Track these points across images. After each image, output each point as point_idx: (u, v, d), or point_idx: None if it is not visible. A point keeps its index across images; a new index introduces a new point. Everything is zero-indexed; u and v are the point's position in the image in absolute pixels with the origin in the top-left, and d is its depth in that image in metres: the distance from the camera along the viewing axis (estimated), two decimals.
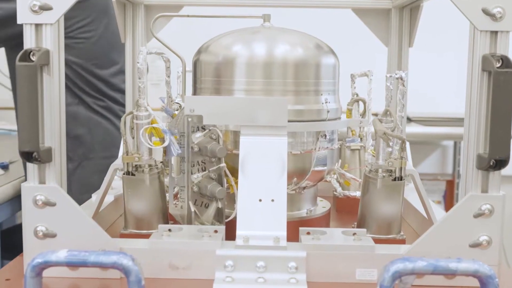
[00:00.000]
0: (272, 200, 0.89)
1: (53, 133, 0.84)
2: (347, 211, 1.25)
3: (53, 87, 0.83)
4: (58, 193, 0.84)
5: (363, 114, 1.29)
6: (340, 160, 1.22)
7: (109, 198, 1.13)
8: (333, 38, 1.39)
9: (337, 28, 2.61)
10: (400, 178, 0.96)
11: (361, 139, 1.29)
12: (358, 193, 1.19)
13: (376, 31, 1.37)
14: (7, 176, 1.89)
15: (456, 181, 3.30)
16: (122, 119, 0.96)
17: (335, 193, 1.28)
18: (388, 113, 0.95)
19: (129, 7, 1.30)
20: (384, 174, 0.96)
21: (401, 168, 0.95)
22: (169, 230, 0.90)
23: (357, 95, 1.30)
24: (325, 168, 1.07)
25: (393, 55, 1.35)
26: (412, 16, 1.33)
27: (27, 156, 0.81)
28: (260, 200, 0.89)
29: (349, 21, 1.52)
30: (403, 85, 0.97)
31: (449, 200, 3.32)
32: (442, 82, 3.25)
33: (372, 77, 1.28)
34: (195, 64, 1.07)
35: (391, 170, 0.96)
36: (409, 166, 1.00)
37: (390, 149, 0.96)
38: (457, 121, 2.99)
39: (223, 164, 0.96)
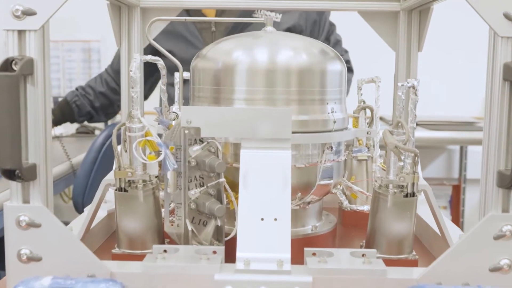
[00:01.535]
0: (275, 219, 0.83)
1: (38, 148, 0.77)
2: (354, 225, 1.18)
3: (38, 99, 0.77)
4: (43, 213, 0.78)
5: (370, 122, 1.23)
6: (346, 172, 1.16)
7: (101, 213, 1.07)
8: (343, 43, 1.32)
9: (343, 32, 2.55)
10: (413, 194, 0.89)
11: (368, 148, 1.22)
12: (366, 207, 1.13)
13: (384, 34, 1.30)
14: (2, 183, 1.82)
15: (462, 185, 3.23)
16: (114, 131, 0.89)
17: (340, 205, 1.22)
18: (399, 124, 0.89)
19: (125, 10, 1.23)
20: (395, 190, 0.89)
21: (413, 184, 0.88)
22: (164, 251, 0.84)
23: (364, 102, 1.23)
24: (331, 181, 1.01)
25: (401, 60, 1.28)
26: (422, 19, 1.27)
27: (9, 174, 0.74)
28: (262, 219, 0.83)
29: (355, 25, 1.46)
30: (415, 94, 0.90)
31: (455, 206, 3.25)
32: (449, 85, 3.18)
33: (380, 83, 1.22)
34: (193, 71, 1.01)
35: (402, 186, 0.89)
36: (422, 180, 0.94)
37: (401, 163, 0.89)
38: (464, 125, 2.93)
39: (222, 179, 0.90)
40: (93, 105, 2.24)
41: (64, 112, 2.28)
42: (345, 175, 1.13)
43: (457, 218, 3.19)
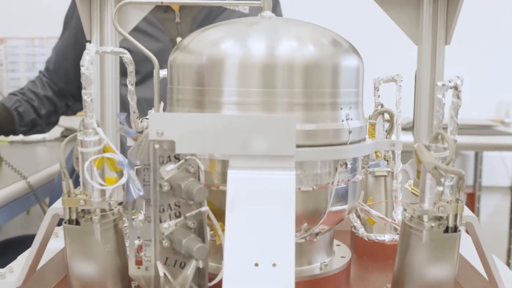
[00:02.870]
0: (274, 265, 0.62)
1: None
2: (371, 255, 0.97)
3: None
4: None
5: (389, 130, 1.02)
6: (362, 192, 0.95)
7: (58, 244, 0.86)
8: (352, 34, 1.13)
9: (356, 23, 2.34)
10: (455, 229, 0.68)
11: (387, 162, 1.01)
12: (387, 237, 0.91)
13: (404, 25, 1.10)
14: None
15: (477, 193, 3.02)
16: (62, 145, 0.68)
17: (354, 230, 1.01)
18: (439, 137, 0.67)
19: None
20: (432, 224, 0.68)
21: (456, 215, 0.67)
22: None
23: (382, 105, 1.03)
24: (346, 207, 0.80)
25: (425, 55, 1.08)
26: (450, 7, 1.06)
27: None
28: (256, 265, 0.62)
29: (371, 15, 1.27)
30: (458, 97, 0.69)
31: None
32: (463, 85, 2.98)
33: (402, 82, 1.01)
34: (171, 67, 0.80)
35: (441, 218, 0.68)
36: (466, 211, 0.73)
37: (440, 188, 0.68)
38: (480, 129, 2.73)
39: (205, 208, 0.69)
40: (38, 112, 1.85)
41: (1, 121, 1.83)
42: (361, 196, 0.92)
43: None
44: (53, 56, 1.91)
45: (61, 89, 1.86)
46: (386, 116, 1.03)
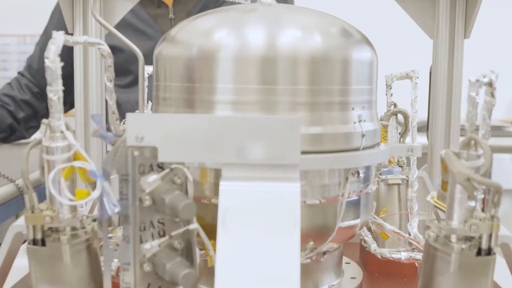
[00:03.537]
0: None
1: None
2: (382, 273, 0.86)
3: None
4: None
5: (403, 133, 0.92)
6: (374, 203, 0.84)
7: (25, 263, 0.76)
8: (363, 27, 1.04)
9: (367, 15, 2.25)
10: (489, 251, 0.57)
11: (401, 168, 0.91)
12: (403, 255, 0.81)
13: (418, 17, 1.01)
14: None
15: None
16: (26, 151, 0.58)
17: (364, 244, 0.90)
18: (472, 143, 0.57)
19: None
20: (462, 245, 0.57)
21: (491, 235, 0.57)
22: None
23: (395, 105, 0.93)
24: (357, 221, 0.70)
25: (442, 50, 0.99)
26: None
27: None
28: None
29: (383, 6, 1.17)
30: (492, 95, 0.59)
31: None
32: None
33: (418, 80, 0.90)
34: (157, 61, 0.70)
35: (472, 238, 0.58)
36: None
37: (472, 203, 0.57)
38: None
39: (193, 226, 0.58)
40: (15, 117, 1.76)
41: None
42: (373, 207, 0.81)
43: None
44: (36, 52, 1.81)
45: (43, 89, 1.76)
46: (399, 117, 0.93)
